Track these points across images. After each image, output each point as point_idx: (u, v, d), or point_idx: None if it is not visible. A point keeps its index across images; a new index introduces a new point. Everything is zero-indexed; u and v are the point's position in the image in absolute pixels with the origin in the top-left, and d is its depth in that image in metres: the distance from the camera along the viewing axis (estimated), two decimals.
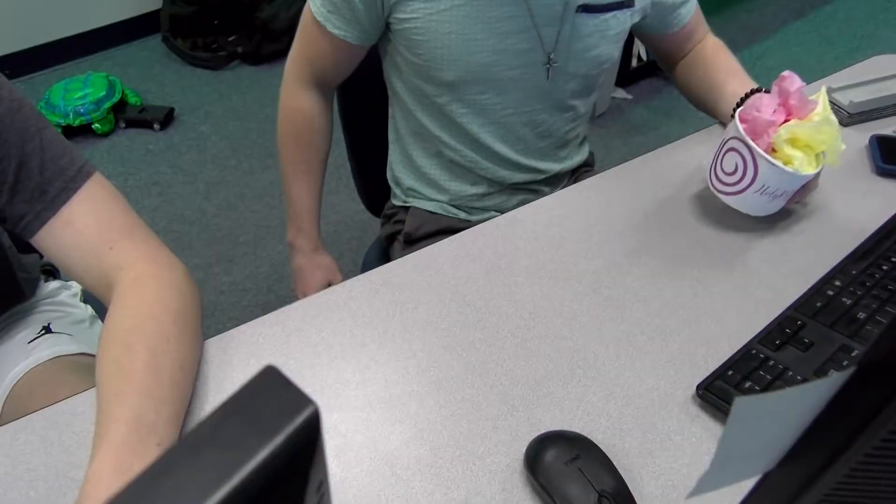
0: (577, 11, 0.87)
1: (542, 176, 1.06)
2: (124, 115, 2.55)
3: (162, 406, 0.57)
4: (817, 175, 0.79)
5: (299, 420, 0.20)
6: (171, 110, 2.58)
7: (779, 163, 0.75)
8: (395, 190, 1.13)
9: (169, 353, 0.61)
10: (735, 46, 3.12)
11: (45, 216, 0.66)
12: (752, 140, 0.76)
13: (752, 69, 2.92)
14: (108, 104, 2.49)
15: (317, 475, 0.23)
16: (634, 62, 2.52)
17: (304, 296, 1.13)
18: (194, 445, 0.19)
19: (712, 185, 0.82)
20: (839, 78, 1.04)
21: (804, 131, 0.75)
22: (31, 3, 2.73)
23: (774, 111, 0.77)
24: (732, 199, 0.80)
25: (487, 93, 0.93)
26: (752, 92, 0.91)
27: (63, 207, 0.67)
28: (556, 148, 1.04)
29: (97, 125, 2.47)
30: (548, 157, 1.04)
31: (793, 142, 0.76)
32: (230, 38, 2.91)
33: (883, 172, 0.89)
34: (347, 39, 0.92)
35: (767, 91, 0.91)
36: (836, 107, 0.99)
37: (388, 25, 0.91)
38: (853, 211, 0.85)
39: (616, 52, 0.97)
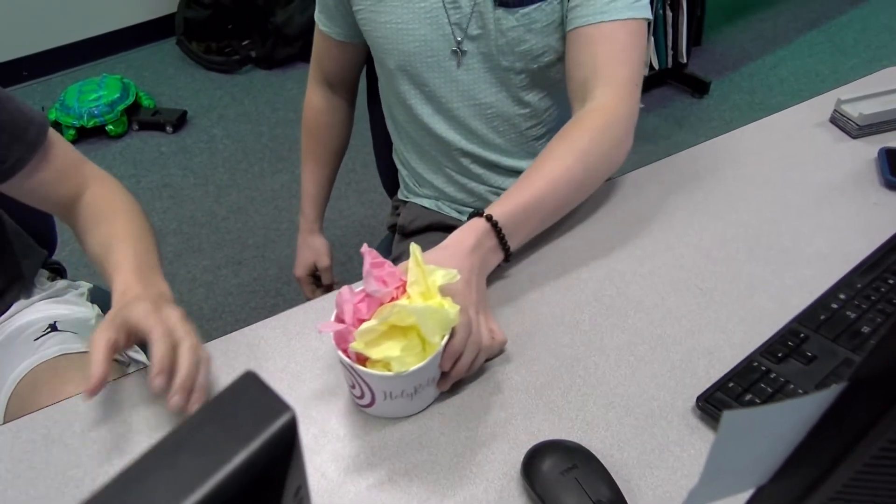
0: (495, 7, 0.86)
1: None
2: (137, 117, 2.57)
3: (150, 246, 0.79)
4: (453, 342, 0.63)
5: (276, 425, 0.21)
6: (184, 113, 2.60)
7: (374, 371, 0.60)
8: (401, 183, 1.18)
9: (140, 218, 0.82)
10: (749, 56, 3.10)
11: (27, 157, 0.78)
12: (345, 349, 0.61)
13: (765, 79, 2.89)
14: (121, 106, 2.52)
15: (294, 480, 0.23)
16: (646, 71, 2.51)
17: (297, 271, 1.21)
18: (171, 449, 0.19)
19: (354, 402, 0.67)
20: (849, 90, 1.03)
21: (385, 326, 0.60)
22: (47, 7, 2.77)
23: (360, 302, 0.62)
24: (373, 410, 0.65)
25: (431, 83, 0.94)
26: (476, 214, 0.74)
27: (42, 147, 0.79)
28: (521, 144, 1.01)
29: (110, 127, 2.50)
30: (514, 154, 1.02)
31: (391, 333, 0.61)
32: (244, 43, 2.93)
33: (891, 185, 0.88)
34: (332, 36, 1.01)
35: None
36: (845, 118, 0.98)
37: None
38: (860, 223, 0.84)
39: (554, 42, 0.89)
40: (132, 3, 2.97)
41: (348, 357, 0.61)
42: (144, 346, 1.03)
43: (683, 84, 2.67)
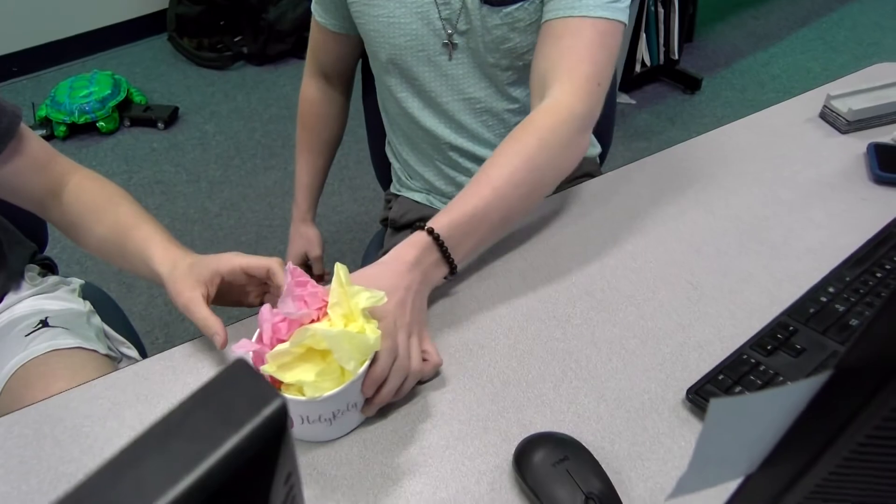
0: (480, 4, 0.87)
1: None
2: (129, 113, 2.56)
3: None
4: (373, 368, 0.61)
5: (267, 412, 0.21)
6: (176, 109, 2.59)
7: (286, 394, 0.56)
8: (393, 177, 1.19)
9: (135, 202, 0.83)
10: (741, 53, 3.10)
11: None
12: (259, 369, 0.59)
13: (757, 76, 2.90)
14: (112, 103, 2.50)
15: (284, 467, 0.23)
16: (638, 67, 2.52)
17: (289, 260, 1.20)
18: (161, 435, 0.20)
19: None
20: (839, 85, 1.04)
21: (300, 349, 0.58)
22: (38, 2, 2.75)
23: (280, 322, 0.61)
24: (295, 431, 0.63)
25: (421, 77, 0.95)
26: (419, 228, 0.71)
27: (15, 138, 0.79)
28: None
29: (102, 123, 2.48)
30: None
31: (308, 356, 0.59)
32: (236, 39, 2.93)
33: (880, 180, 0.89)
34: (327, 27, 1.02)
35: None
36: (834, 114, 0.99)
37: None
38: (849, 218, 0.85)
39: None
40: None
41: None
42: (138, 341, 1.03)
43: (675, 81, 2.68)
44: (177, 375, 0.70)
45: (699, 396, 0.63)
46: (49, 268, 1.01)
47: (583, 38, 0.79)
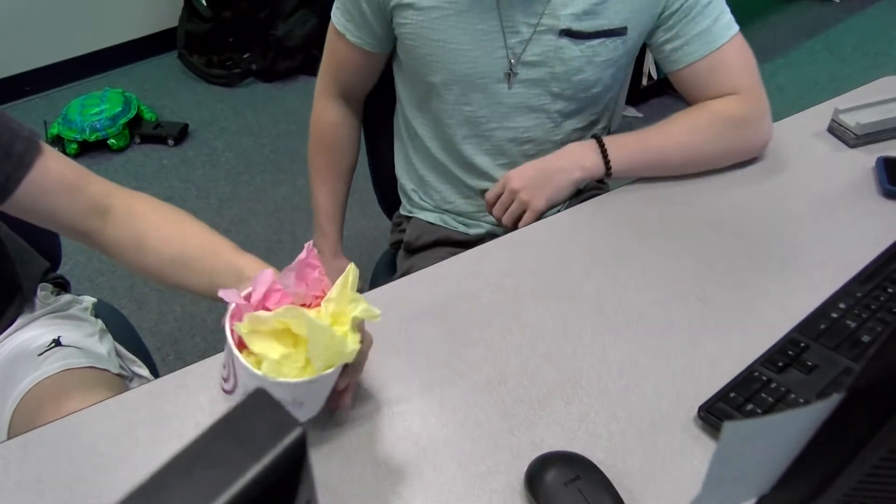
0: (559, 36, 0.88)
1: None
2: (139, 130, 2.58)
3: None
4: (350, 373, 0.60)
5: (287, 441, 0.21)
6: (186, 126, 2.62)
7: (243, 360, 0.55)
8: (403, 199, 1.17)
9: (193, 218, 0.80)
10: None
11: (18, 175, 0.71)
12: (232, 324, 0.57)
13: (764, 87, 2.89)
14: (123, 120, 2.53)
15: (304, 494, 0.23)
16: (645, 81, 2.52)
17: None
18: (185, 464, 0.20)
19: (220, 385, 0.63)
20: (846, 99, 1.04)
21: (279, 324, 0.56)
22: (49, 22, 2.79)
23: (274, 290, 0.59)
24: (232, 399, 0.60)
25: (474, 103, 0.95)
26: (593, 136, 0.92)
27: (37, 161, 0.72)
28: None
29: (112, 141, 2.51)
30: None
31: (283, 336, 0.57)
32: (245, 56, 2.95)
33: (889, 194, 0.89)
34: (363, 46, 0.99)
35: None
36: (842, 128, 0.99)
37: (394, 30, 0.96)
38: (859, 233, 0.85)
39: (606, 77, 0.95)
40: (133, 17, 2.99)
41: (233, 334, 0.57)
42: (149, 360, 1.03)
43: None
44: (190, 394, 0.71)
45: (711, 414, 0.63)
46: (62, 286, 1.02)
47: (735, 59, 0.94)
